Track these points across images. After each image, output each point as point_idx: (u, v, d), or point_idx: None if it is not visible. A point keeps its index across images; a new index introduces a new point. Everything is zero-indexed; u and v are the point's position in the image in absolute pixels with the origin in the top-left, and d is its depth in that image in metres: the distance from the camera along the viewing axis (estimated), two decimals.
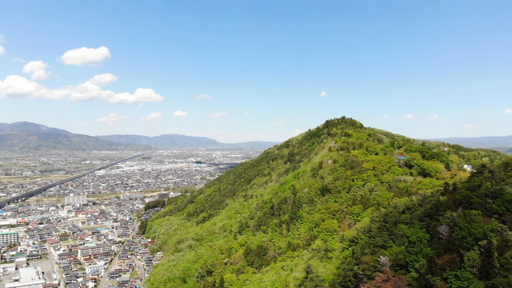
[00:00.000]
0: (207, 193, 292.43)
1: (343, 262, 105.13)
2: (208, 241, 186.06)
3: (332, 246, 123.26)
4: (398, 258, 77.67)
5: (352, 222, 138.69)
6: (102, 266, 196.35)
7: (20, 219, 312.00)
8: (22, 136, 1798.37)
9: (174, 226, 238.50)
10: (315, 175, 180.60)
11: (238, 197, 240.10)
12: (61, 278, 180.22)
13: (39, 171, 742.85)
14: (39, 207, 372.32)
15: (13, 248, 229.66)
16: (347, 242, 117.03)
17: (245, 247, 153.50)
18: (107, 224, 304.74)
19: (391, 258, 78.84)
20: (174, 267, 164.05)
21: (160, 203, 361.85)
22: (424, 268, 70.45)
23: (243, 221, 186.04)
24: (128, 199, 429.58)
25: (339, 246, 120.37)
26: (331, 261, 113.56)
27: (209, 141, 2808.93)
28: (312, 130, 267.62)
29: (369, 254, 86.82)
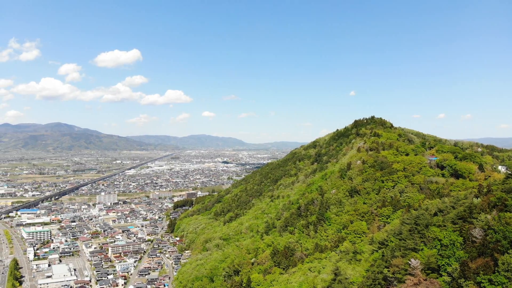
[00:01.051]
0: (234, 193, 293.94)
1: (372, 264, 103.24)
2: (235, 241, 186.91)
3: (361, 248, 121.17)
4: (429, 262, 75.68)
5: (382, 224, 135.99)
6: (132, 264, 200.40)
7: (53, 217, 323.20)
8: (55, 136, 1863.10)
9: (202, 225, 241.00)
10: (343, 176, 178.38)
11: (264, 197, 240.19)
12: (92, 275, 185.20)
13: (71, 171, 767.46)
14: (72, 206, 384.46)
15: (46, 245, 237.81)
16: (376, 244, 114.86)
17: (272, 248, 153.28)
18: (137, 222, 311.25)
19: (422, 261, 76.96)
20: (201, 266, 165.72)
21: (188, 202, 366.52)
22: (457, 272, 68.43)
23: (270, 222, 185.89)
24: (157, 198, 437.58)
25: (368, 248, 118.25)
26: (360, 264, 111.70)
27: (236, 141, 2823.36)
28: (340, 130, 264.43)
29: (399, 257, 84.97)
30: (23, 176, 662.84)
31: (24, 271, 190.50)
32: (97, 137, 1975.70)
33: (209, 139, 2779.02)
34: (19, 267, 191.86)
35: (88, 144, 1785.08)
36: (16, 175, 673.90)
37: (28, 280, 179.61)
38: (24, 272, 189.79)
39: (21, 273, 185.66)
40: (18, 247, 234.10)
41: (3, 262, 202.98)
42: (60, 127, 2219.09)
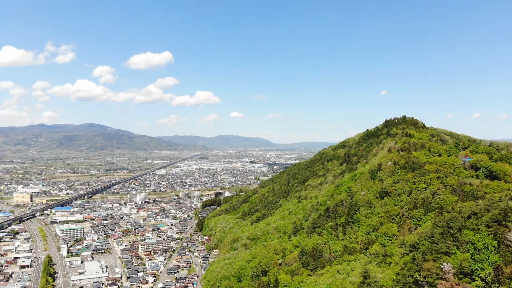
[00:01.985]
0: (261, 193, 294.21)
1: (402, 268, 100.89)
2: (263, 241, 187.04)
3: (391, 251, 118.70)
4: (462, 266, 73.32)
5: (413, 227, 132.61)
6: (161, 262, 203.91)
7: (86, 215, 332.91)
8: (88, 136, 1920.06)
9: (230, 225, 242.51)
10: (373, 177, 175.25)
11: (292, 198, 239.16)
12: (123, 272, 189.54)
13: (104, 170, 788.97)
14: (104, 204, 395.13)
15: (79, 243, 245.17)
16: (407, 247, 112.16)
17: (300, 249, 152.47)
18: (166, 221, 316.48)
19: (455, 265, 74.66)
20: (229, 266, 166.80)
21: (216, 202, 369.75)
22: (491, 276, 66.07)
23: (298, 223, 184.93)
24: (186, 197, 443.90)
25: (399, 251, 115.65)
26: (390, 267, 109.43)
27: (263, 141, 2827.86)
28: (370, 130, 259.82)
29: (431, 260, 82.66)
30: (57, 175, 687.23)
31: (58, 268, 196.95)
32: (129, 137, 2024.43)
33: (236, 140, 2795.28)
34: (52, 264, 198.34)
35: (120, 144, 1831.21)
36: (51, 174, 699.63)
37: (61, 276, 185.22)
38: (58, 268, 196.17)
39: (55, 269, 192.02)
40: (52, 244, 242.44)
41: (38, 258, 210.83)
42: (93, 127, 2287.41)
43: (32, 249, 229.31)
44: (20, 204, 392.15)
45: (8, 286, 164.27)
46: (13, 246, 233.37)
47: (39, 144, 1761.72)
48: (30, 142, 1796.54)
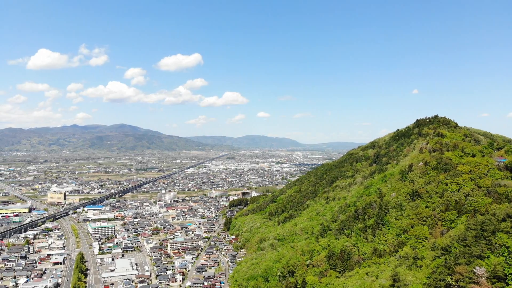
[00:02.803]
0: (288, 193, 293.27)
1: (434, 271, 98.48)
2: (290, 242, 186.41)
3: (422, 254, 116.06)
4: (496, 270, 70.97)
5: (445, 229, 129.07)
6: (190, 260, 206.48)
7: (117, 214, 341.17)
8: (120, 137, 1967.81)
9: (257, 225, 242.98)
10: (404, 178, 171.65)
11: (319, 199, 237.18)
12: (152, 270, 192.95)
13: (134, 169, 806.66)
14: (134, 203, 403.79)
15: (110, 240, 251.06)
16: (439, 250, 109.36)
17: (328, 250, 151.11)
18: (194, 220, 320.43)
19: (488, 269, 72.35)
20: (256, 265, 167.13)
21: (243, 202, 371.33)
22: None
23: (325, 224, 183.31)
24: (214, 196, 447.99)
25: (430, 254, 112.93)
26: (420, 270, 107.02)
27: (290, 141, 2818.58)
28: (401, 130, 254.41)
29: (463, 264, 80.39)
30: (89, 174, 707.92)
31: (89, 264, 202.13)
32: (159, 137, 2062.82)
33: (263, 140, 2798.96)
34: (84, 261, 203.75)
35: (150, 144, 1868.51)
36: (83, 173, 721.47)
37: (93, 273, 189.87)
38: (89, 265, 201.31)
39: (86, 266, 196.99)
40: (84, 242, 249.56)
41: (70, 255, 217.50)
42: (124, 128, 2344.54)
43: (65, 246, 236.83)
44: (54, 202, 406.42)
45: (42, 282, 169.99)
46: (46, 243, 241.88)
47: (72, 144, 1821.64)
48: (64, 142, 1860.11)
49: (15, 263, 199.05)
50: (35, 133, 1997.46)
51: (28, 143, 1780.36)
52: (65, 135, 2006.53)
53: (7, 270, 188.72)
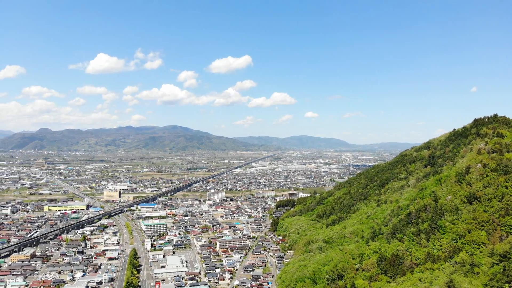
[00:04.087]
0: (336, 195, 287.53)
1: (491, 279, 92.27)
2: (338, 245, 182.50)
3: (479, 261, 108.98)
4: None
5: (504, 235, 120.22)
6: (238, 259, 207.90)
7: (169, 211, 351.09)
8: (171, 137, 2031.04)
9: (304, 226, 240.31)
10: (460, 180, 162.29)
11: (370, 201, 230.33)
12: (201, 268, 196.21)
13: (185, 169, 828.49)
14: (185, 201, 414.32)
15: (162, 237, 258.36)
16: (497, 257, 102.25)
17: (379, 254, 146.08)
18: (242, 219, 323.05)
19: None
20: (304, 267, 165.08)
21: (290, 202, 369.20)
22: None
23: (376, 227, 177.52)
24: (261, 196, 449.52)
25: (488, 261, 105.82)
26: (477, 277, 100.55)
27: (339, 142, 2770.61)
28: (458, 130, 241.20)
29: None
30: (143, 173, 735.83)
31: (142, 261, 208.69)
32: (208, 138, 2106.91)
33: (310, 140, 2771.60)
34: (137, 257, 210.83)
35: (200, 144, 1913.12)
36: (137, 172, 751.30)
37: (145, 269, 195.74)
38: (142, 261, 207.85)
39: (139, 262, 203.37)
40: (137, 238, 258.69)
41: (124, 251, 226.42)
42: (176, 129, 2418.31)
43: (119, 243, 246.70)
44: (110, 200, 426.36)
45: (97, 277, 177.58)
46: (102, 239, 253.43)
47: (127, 144, 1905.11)
48: (119, 142, 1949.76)
49: (72, 258, 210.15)
50: (93, 134, 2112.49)
51: (86, 143, 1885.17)
52: (121, 136, 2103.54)
53: (65, 264, 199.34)
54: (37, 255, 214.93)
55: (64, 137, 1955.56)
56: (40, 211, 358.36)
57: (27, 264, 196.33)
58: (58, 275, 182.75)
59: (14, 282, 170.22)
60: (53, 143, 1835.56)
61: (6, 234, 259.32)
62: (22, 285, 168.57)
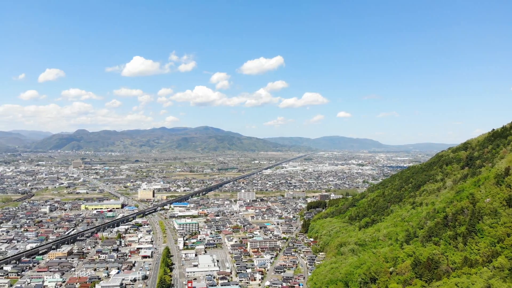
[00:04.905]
0: (369, 197, 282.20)
1: None
2: (372, 248, 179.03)
3: None
4: None
5: None
6: (268, 260, 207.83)
7: (201, 211, 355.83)
8: (203, 138, 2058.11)
9: (336, 229, 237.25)
10: (500, 182, 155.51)
11: (404, 203, 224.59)
12: (232, 267, 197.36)
13: (216, 169, 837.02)
14: (216, 201, 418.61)
15: (194, 236, 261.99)
16: None
17: (413, 258, 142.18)
18: (272, 220, 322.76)
19: None
20: (336, 270, 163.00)
21: (322, 204, 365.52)
22: None
23: (411, 230, 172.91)
24: (291, 197, 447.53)
25: None
26: None
27: (372, 142, 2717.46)
28: (497, 130, 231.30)
29: None
30: (176, 173, 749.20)
31: (175, 259, 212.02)
32: (238, 139, 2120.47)
33: (342, 141, 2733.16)
34: (170, 255, 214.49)
35: (231, 145, 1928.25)
36: (170, 172, 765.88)
37: (178, 267, 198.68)
38: (175, 260, 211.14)
39: (172, 261, 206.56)
40: (170, 237, 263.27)
41: (157, 249, 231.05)
42: (207, 130, 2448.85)
43: (153, 241, 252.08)
44: (144, 199, 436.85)
45: (131, 274, 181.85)
46: (136, 237, 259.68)
47: (160, 145, 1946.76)
48: (153, 143, 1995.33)
49: (107, 255, 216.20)
50: (128, 135, 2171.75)
51: (121, 144, 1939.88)
52: (154, 137, 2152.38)
53: (100, 262, 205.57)
54: (74, 252, 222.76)
55: (101, 138, 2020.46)
56: (77, 209, 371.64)
57: (64, 261, 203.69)
58: (94, 272, 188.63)
59: (52, 279, 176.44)
60: (89, 143, 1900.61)
61: (45, 232, 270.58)
62: (59, 281, 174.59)
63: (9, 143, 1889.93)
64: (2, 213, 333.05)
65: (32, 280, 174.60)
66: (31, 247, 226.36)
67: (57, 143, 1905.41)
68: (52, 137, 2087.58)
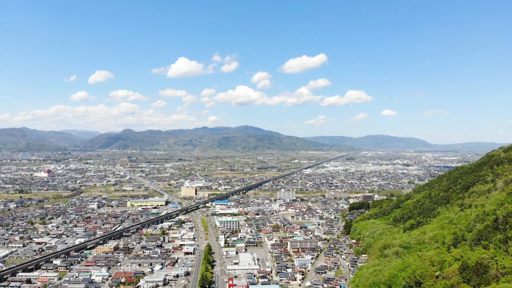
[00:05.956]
0: (415, 198, 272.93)
1: None
2: (417, 250, 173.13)
3: None
4: None
5: None
6: (309, 260, 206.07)
7: (241, 209, 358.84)
8: (243, 137, 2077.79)
9: (380, 230, 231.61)
10: None
11: (452, 205, 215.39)
12: (273, 267, 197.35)
13: (256, 168, 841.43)
14: (256, 200, 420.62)
15: (234, 234, 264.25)
16: None
17: (461, 262, 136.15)
18: (313, 220, 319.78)
19: None
20: (379, 272, 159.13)
21: (364, 205, 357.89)
22: None
23: (459, 233, 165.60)
24: (332, 198, 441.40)
25: None
26: None
27: (418, 142, 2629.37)
28: None
29: None
30: (217, 172, 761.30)
31: (216, 256, 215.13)
32: (278, 138, 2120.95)
33: (387, 140, 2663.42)
34: (211, 252, 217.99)
35: (270, 144, 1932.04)
36: (212, 171, 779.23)
37: (219, 264, 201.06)
38: (216, 257, 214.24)
39: (213, 258, 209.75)
40: (212, 234, 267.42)
41: (199, 246, 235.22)
42: (247, 129, 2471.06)
43: (195, 238, 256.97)
44: (187, 196, 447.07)
45: (174, 270, 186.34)
46: (179, 234, 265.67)
47: (202, 144, 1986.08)
48: (195, 142, 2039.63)
49: (152, 251, 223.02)
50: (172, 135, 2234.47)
51: (165, 143, 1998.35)
52: (197, 136, 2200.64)
53: (145, 257, 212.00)
54: (120, 248, 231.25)
55: (146, 137, 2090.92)
56: (123, 206, 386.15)
57: (110, 256, 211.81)
58: (138, 267, 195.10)
59: (99, 273, 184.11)
60: (135, 143, 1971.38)
61: (93, 227, 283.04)
62: (105, 275, 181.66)
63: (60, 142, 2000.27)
64: (53, 209, 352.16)
65: (80, 274, 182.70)
66: (80, 242, 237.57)
67: (104, 142, 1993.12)
68: (100, 137, 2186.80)
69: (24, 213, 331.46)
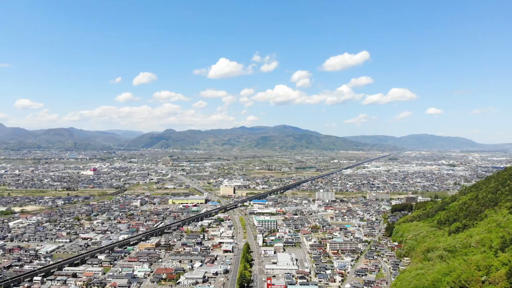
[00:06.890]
0: (461, 200, 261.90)
1: None
2: (462, 254, 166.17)
3: None
4: None
5: None
6: (349, 262, 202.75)
7: (279, 209, 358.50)
8: (281, 137, 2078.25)
9: (423, 233, 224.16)
10: None
11: (501, 208, 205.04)
12: (311, 267, 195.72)
13: (294, 168, 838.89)
14: (294, 200, 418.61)
15: (272, 234, 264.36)
16: None
17: (509, 267, 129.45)
18: (353, 222, 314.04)
19: None
20: (422, 276, 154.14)
21: (407, 207, 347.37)
22: None
23: (507, 237, 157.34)
24: (374, 199, 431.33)
25: None
26: None
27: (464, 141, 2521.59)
28: None
29: None
30: (255, 171, 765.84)
31: (254, 255, 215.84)
32: (316, 137, 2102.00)
33: (431, 139, 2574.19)
34: (250, 251, 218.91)
35: (308, 144, 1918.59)
36: (250, 170, 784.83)
37: (257, 263, 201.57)
38: (254, 255, 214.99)
39: (251, 257, 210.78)
40: (250, 233, 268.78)
41: (238, 245, 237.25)
42: (285, 129, 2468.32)
43: (233, 236, 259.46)
44: (225, 195, 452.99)
45: (213, 268, 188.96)
46: (218, 232, 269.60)
47: (240, 144, 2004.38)
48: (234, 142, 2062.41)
49: (192, 248, 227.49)
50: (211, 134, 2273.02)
51: (205, 142, 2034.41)
52: (235, 136, 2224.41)
53: (185, 254, 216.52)
54: (161, 244, 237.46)
55: (187, 137, 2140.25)
56: (165, 203, 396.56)
57: (152, 252, 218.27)
58: (179, 264, 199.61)
59: (141, 268, 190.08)
60: (177, 142, 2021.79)
61: (136, 224, 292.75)
62: (147, 271, 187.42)
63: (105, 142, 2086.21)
64: (98, 206, 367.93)
65: (123, 269, 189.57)
66: (123, 238, 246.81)
67: (147, 141, 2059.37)
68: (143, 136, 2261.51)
69: (71, 210, 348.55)
